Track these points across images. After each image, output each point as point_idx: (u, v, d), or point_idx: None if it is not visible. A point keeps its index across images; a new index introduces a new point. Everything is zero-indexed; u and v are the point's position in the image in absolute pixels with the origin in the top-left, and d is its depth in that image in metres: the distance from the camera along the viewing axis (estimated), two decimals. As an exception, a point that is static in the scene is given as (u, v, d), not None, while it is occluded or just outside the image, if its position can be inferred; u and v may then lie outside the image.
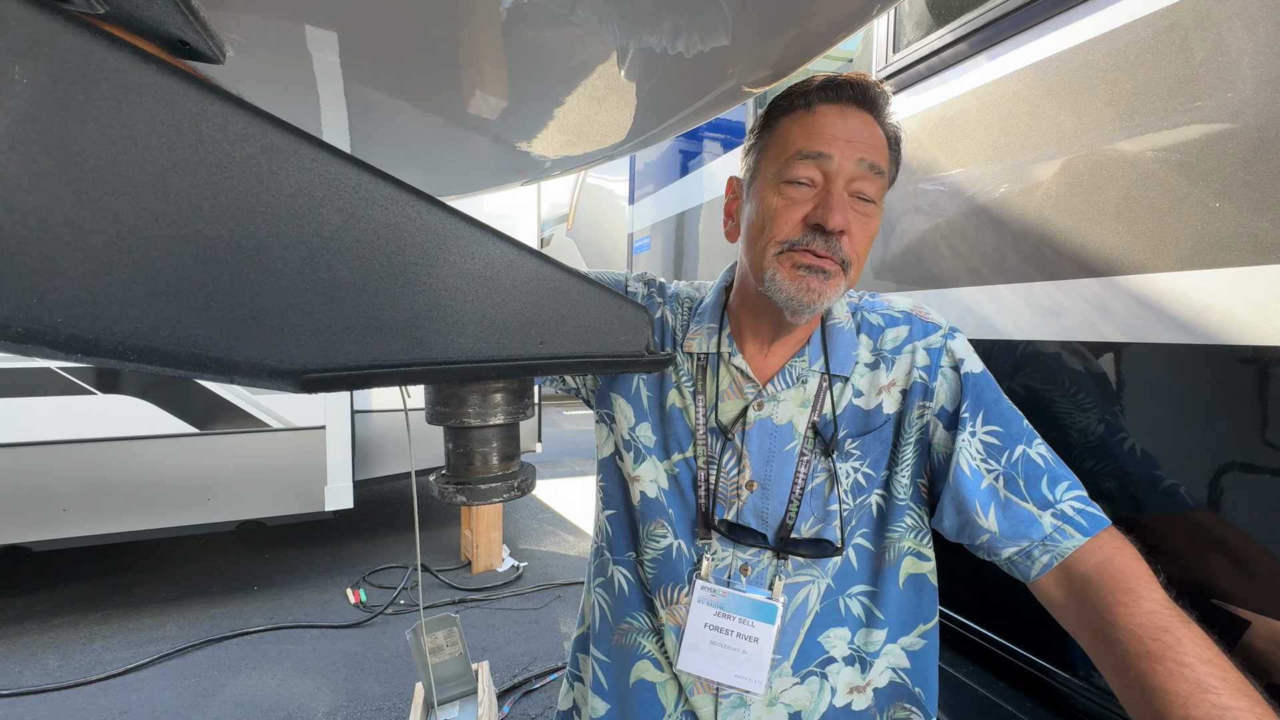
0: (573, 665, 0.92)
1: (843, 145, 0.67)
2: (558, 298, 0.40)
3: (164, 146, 0.28)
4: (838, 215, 0.65)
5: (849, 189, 0.68)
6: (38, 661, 2.60)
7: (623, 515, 0.84)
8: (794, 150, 0.68)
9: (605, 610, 0.84)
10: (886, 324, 0.79)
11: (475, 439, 0.46)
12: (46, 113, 0.26)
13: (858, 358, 0.77)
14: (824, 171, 0.67)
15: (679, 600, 0.76)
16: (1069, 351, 0.89)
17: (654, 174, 3.00)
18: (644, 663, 0.79)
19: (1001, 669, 1.00)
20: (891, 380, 0.76)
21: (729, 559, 0.76)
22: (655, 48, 0.67)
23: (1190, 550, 0.75)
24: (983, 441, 0.70)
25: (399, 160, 1.16)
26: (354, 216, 0.33)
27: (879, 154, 0.69)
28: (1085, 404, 0.87)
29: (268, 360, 0.31)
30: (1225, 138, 0.71)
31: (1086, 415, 0.87)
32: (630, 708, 0.79)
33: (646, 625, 0.80)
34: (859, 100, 0.69)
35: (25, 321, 0.26)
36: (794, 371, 0.77)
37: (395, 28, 0.64)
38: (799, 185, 0.68)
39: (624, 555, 0.83)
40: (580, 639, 0.91)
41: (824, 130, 0.67)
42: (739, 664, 0.72)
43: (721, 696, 0.74)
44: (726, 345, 0.79)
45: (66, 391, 2.69)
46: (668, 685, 0.78)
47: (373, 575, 3.55)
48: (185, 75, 0.29)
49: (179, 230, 0.29)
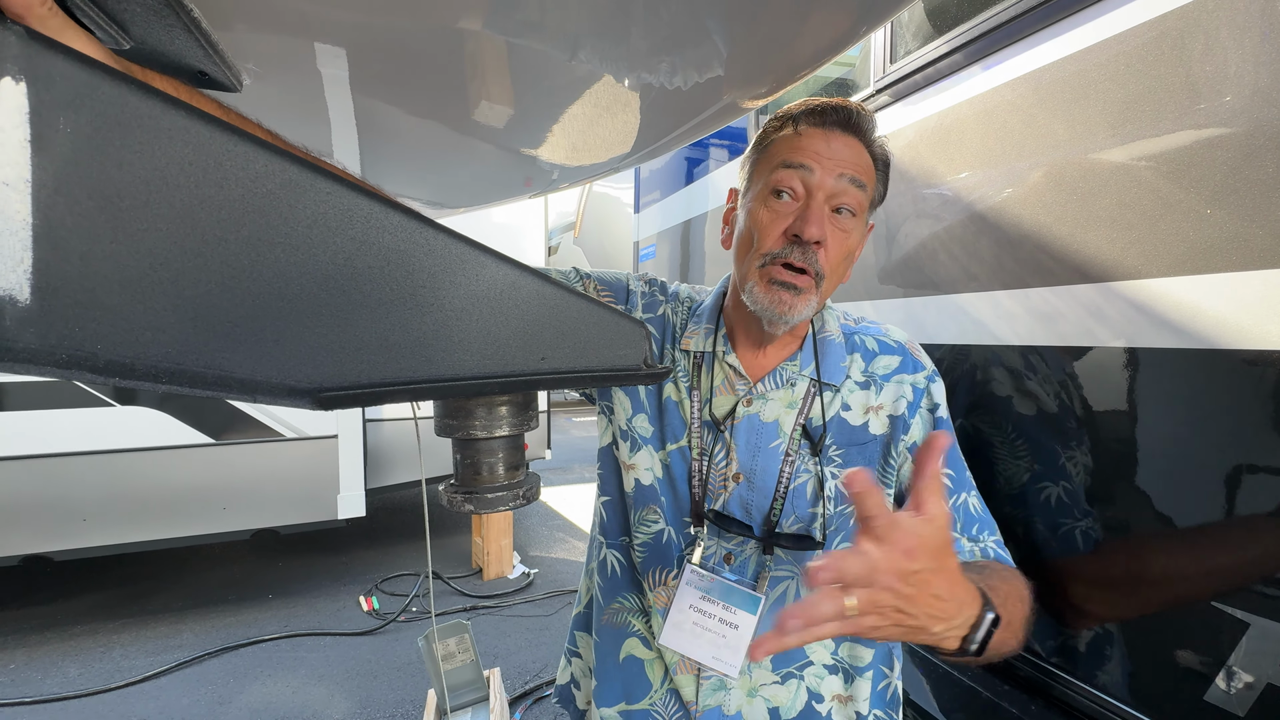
0: (570, 642, 0.98)
1: (824, 161, 0.71)
2: (558, 315, 0.43)
3: (192, 185, 0.31)
4: (814, 226, 0.70)
5: (830, 203, 0.72)
6: (59, 670, 2.65)
7: (616, 501, 0.89)
8: (779, 161, 0.73)
9: (599, 591, 0.89)
10: (881, 350, 0.83)
11: (482, 450, 0.48)
12: (87, 158, 0.29)
13: (848, 372, 0.81)
14: (805, 184, 0.72)
15: (667, 583, 0.81)
16: (1066, 356, 0.90)
17: (659, 182, 3.03)
18: (633, 640, 0.84)
19: (1004, 672, 1.00)
20: (880, 404, 0.80)
21: (714, 547, 0.79)
22: (654, 82, 0.70)
23: (1187, 552, 0.76)
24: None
25: (409, 177, 1.19)
26: (366, 244, 0.35)
27: (861, 170, 0.73)
28: (1080, 408, 0.88)
29: (287, 380, 0.34)
30: (1217, 144, 0.73)
31: (1082, 419, 0.88)
32: (621, 681, 0.84)
33: (636, 605, 0.85)
34: (843, 124, 0.73)
35: (69, 348, 0.28)
36: (784, 374, 0.81)
37: (403, 49, 0.67)
38: (783, 198, 0.72)
39: (616, 539, 0.88)
40: (578, 617, 0.97)
41: (808, 147, 0.72)
42: (717, 647, 0.75)
43: (703, 678, 0.78)
44: (721, 345, 0.83)
45: (86, 404, 2.75)
46: (655, 663, 0.83)
47: (385, 583, 3.58)
48: (211, 118, 0.32)
49: (206, 261, 0.31)
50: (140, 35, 0.50)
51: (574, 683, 0.97)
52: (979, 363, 1.04)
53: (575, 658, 0.97)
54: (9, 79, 0.27)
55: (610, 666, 0.85)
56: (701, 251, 2.58)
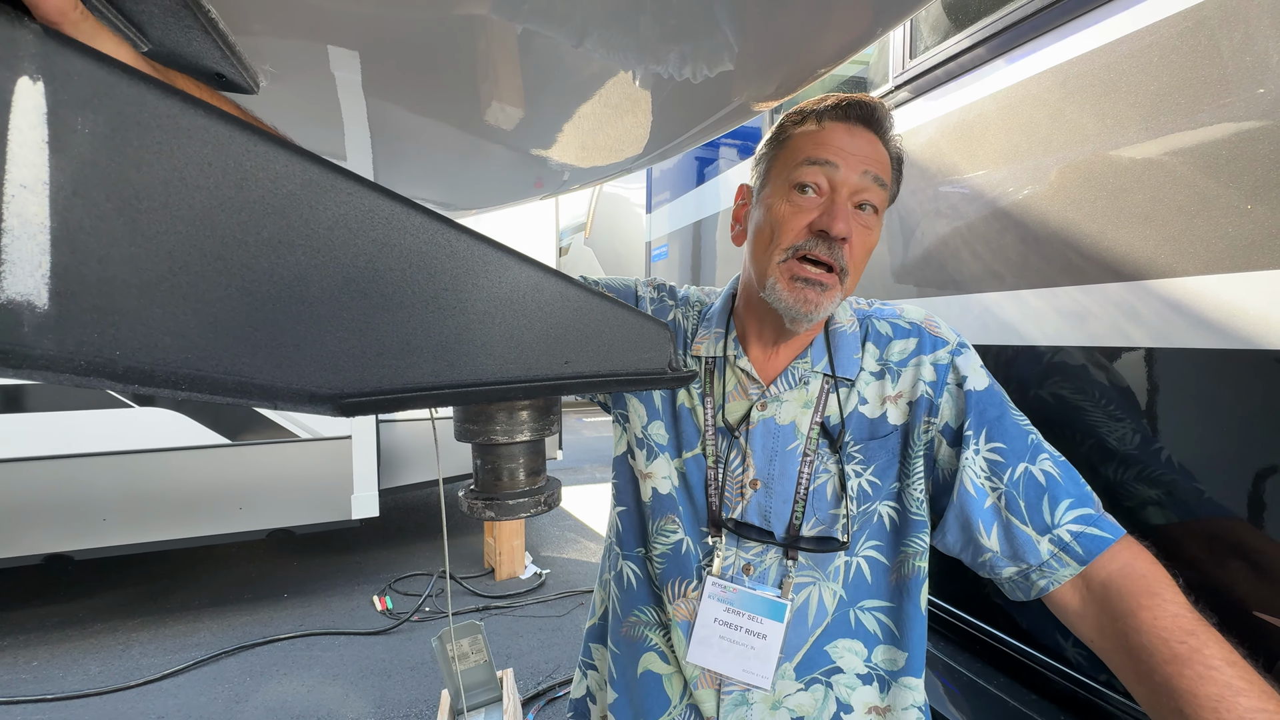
0: (585, 654, 0.95)
1: (849, 157, 0.70)
2: (582, 318, 0.41)
3: (211, 186, 0.30)
4: (841, 222, 0.68)
5: (853, 199, 0.70)
6: (79, 667, 2.68)
7: (633, 511, 0.86)
8: (803, 157, 0.71)
9: (615, 603, 0.87)
10: (895, 334, 0.79)
11: (503, 455, 0.47)
12: (105, 159, 0.28)
13: (861, 363, 0.78)
14: (830, 180, 0.70)
15: (686, 595, 0.78)
16: (1095, 357, 0.88)
17: (671, 182, 3.02)
18: (651, 654, 0.81)
19: (1036, 681, 0.98)
20: (898, 392, 0.77)
21: (733, 557, 0.77)
22: (664, 73, 0.69)
23: (1222, 558, 0.73)
24: (986, 459, 0.71)
25: (420, 179, 1.19)
26: (387, 246, 0.34)
27: (882, 168, 0.72)
28: (1112, 411, 0.86)
29: (308, 386, 0.33)
30: (1257, 137, 0.70)
31: (1113, 422, 0.85)
32: (638, 697, 0.81)
33: (653, 619, 0.82)
34: (865, 120, 0.72)
35: (87, 355, 0.28)
36: (796, 373, 0.78)
37: (416, 50, 0.67)
38: (806, 193, 0.71)
39: (633, 550, 0.85)
40: (592, 629, 0.94)
41: (832, 142, 0.71)
42: (747, 659, 0.73)
43: (724, 693, 0.75)
44: (732, 348, 0.81)
45: (105, 405, 2.78)
46: (673, 678, 0.80)
47: (398, 582, 3.60)
48: (230, 118, 0.31)
49: (226, 265, 0.30)
50: (158, 37, 0.50)
51: (589, 696, 0.93)
52: (1001, 364, 1.02)
53: (590, 670, 0.93)
54: (26, 78, 0.26)
55: (627, 681, 0.83)
56: (714, 251, 2.56)
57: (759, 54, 0.67)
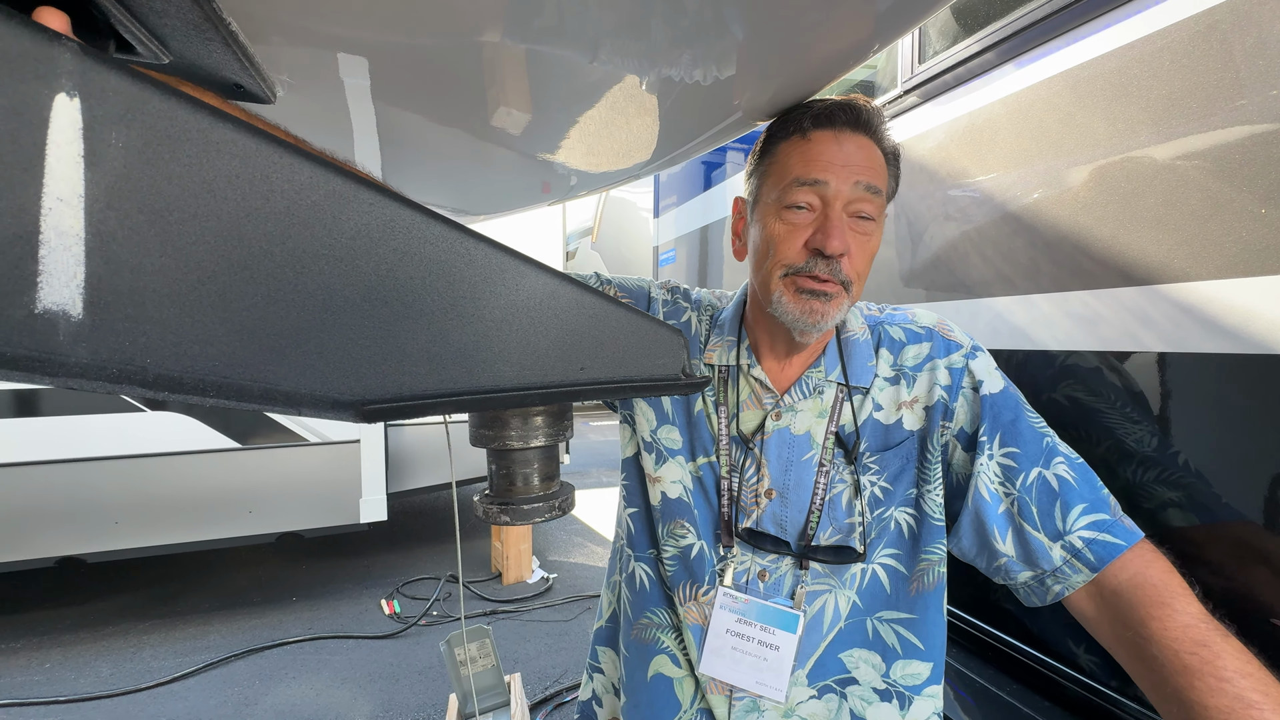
0: (592, 657, 0.94)
1: (839, 170, 0.68)
2: (597, 325, 0.42)
3: (239, 198, 0.31)
4: (836, 240, 0.67)
5: (847, 210, 0.69)
6: (92, 669, 2.70)
7: (643, 513, 0.86)
8: (792, 177, 0.70)
9: (626, 605, 0.86)
10: (908, 339, 0.79)
11: (517, 460, 0.48)
12: (138, 172, 0.29)
13: (875, 370, 0.78)
14: (822, 197, 0.69)
15: (697, 598, 0.78)
16: (1107, 362, 0.87)
17: (678, 186, 3.02)
18: (662, 657, 0.81)
19: (1048, 688, 0.97)
20: (913, 397, 0.76)
21: (748, 564, 0.77)
22: (675, 86, 0.70)
23: (1240, 564, 0.73)
24: (1000, 464, 0.70)
25: (429, 185, 1.20)
26: (408, 255, 0.35)
27: (875, 174, 0.70)
28: (1125, 416, 0.85)
29: (330, 393, 0.33)
30: (1269, 140, 0.70)
31: (1126, 427, 0.85)
32: (648, 701, 0.81)
33: (665, 621, 0.82)
34: (853, 124, 0.70)
35: (119, 363, 0.28)
36: (810, 382, 0.78)
37: (426, 58, 0.67)
38: (798, 210, 0.70)
39: (645, 552, 0.85)
40: (599, 631, 0.93)
41: (820, 157, 0.69)
42: (760, 670, 0.73)
43: (735, 699, 0.75)
44: (746, 357, 0.81)
45: (117, 409, 2.81)
46: (684, 681, 0.79)
47: (406, 586, 3.61)
48: (257, 130, 0.32)
49: (252, 274, 0.31)
50: (180, 50, 0.51)
51: (596, 699, 0.93)
52: (1012, 367, 1.02)
53: (597, 673, 0.93)
54: (63, 94, 0.27)
55: (637, 685, 0.82)
56: (722, 257, 2.56)
57: (768, 64, 0.67)
